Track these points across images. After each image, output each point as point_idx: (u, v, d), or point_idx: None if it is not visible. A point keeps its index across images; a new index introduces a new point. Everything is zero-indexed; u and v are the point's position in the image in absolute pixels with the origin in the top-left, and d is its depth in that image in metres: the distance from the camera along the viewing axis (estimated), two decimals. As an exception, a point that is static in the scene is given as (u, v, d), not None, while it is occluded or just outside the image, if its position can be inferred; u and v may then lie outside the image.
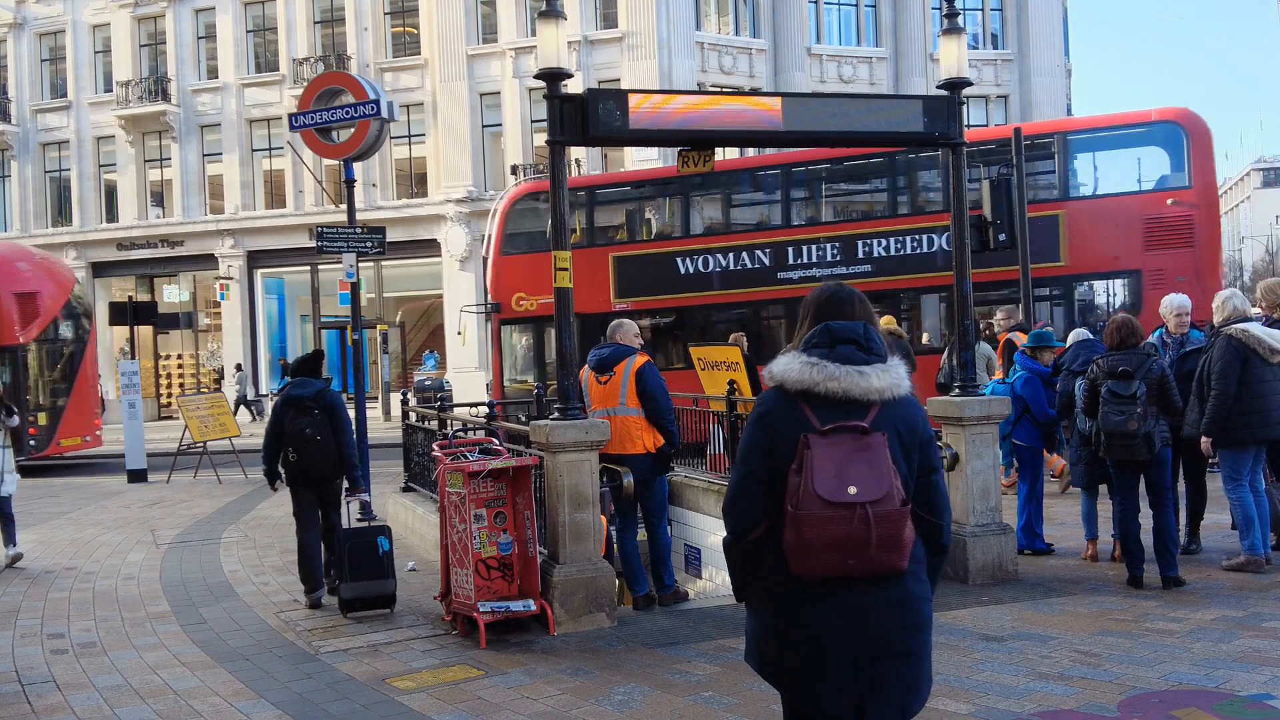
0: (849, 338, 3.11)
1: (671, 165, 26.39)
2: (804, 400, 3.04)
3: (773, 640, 3.08)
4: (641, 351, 8.10)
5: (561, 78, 7.29)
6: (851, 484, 2.89)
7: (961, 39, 8.17)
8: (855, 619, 2.96)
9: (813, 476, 2.90)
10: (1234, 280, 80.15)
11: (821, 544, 2.89)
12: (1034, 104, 33.79)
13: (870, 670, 2.98)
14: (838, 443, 2.95)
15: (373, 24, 32.87)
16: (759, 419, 3.13)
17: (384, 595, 7.67)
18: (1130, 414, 7.17)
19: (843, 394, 3.02)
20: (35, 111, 36.13)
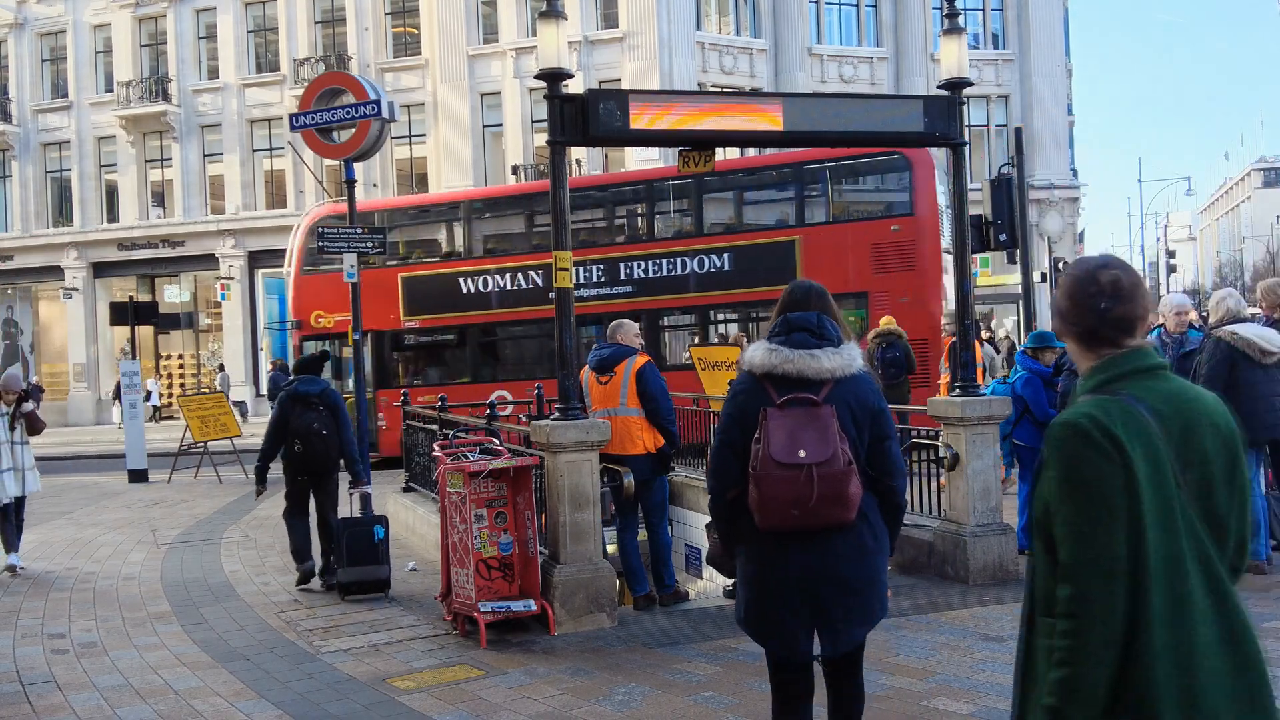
0: (803, 326, 3.69)
1: (458, 190, 27.40)
2: (768, 380, 3.64)
3: (748, 586, 3.67)
4: (642, 352, 8.11)
5: (562, 78, 7.29)
6: (801, 448, 3.49)
7: (962, 39, 8.18)
8: (810, 564, 3.56)
9: (769, 442, 3.50)
10: (1234, 280, 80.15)
11: (775, 500, 3.49)
12: (1034, 104, 33.81)
13: (823, 605, 3.58)
14: (791, 414, 3.54)
15: (373, 24, 32.88)
16: (732, 397, 3.74)
17: (379, 580, 8.17)
18: None
19: (797, 374, 3.60)
20: (36, 111, 36.15)
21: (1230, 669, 2.19)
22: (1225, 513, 2.31)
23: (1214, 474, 2.31)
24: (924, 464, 8.64)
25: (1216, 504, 2.30)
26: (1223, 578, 2.27)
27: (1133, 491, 2.18)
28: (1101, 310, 2.37)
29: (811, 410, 3.56)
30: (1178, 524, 2.22)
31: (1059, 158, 34.47)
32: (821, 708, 3.96)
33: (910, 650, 6.23)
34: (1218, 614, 2.22)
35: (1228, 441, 2.36)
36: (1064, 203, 33.99)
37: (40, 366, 37.93)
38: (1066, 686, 2.18)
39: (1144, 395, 2.31)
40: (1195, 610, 2.20)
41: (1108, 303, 2.36)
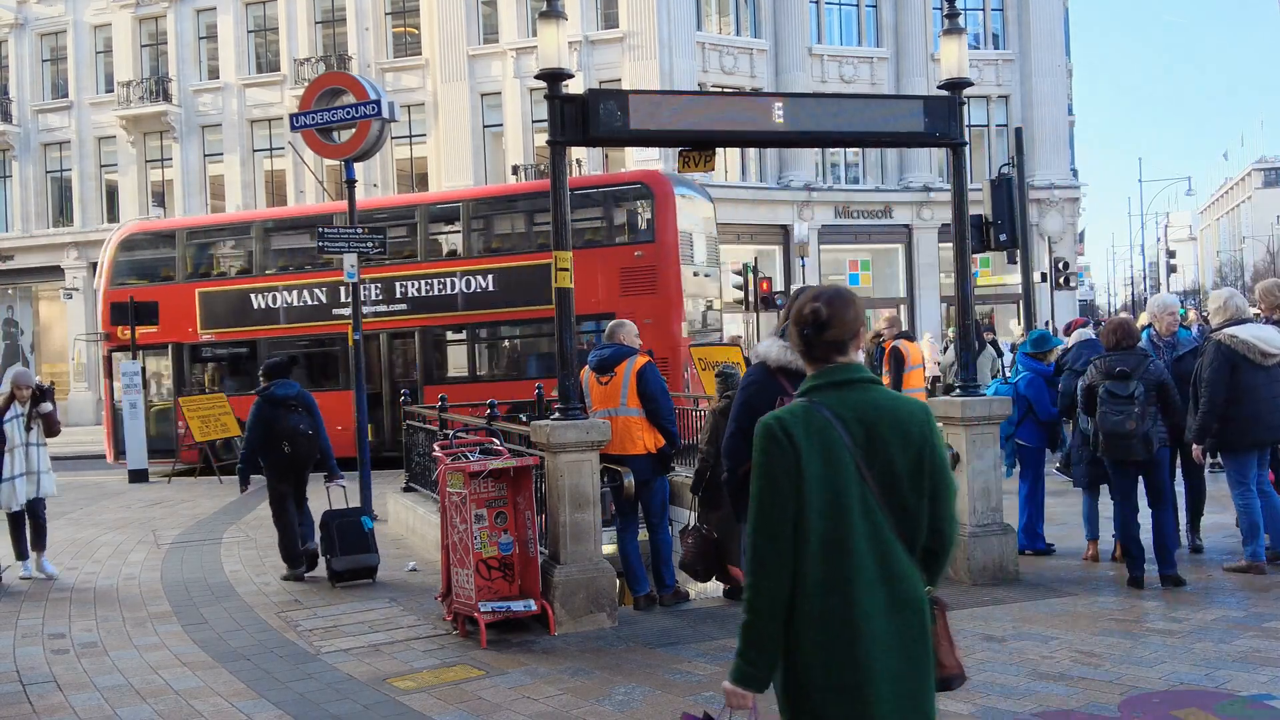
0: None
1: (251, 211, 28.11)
2: (781, 374, 4.52)
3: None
4: (643, 352, 8.11)
5: (562, 78, 7.29)
6: None
7: (962, 39, 8.17)
8: None
9: None
10: (1235, 280, 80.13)
11: None
12: (1034, 104, 33.80)
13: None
14: None
15: (374, 24, 32.87)
16: (746, 387, 4.54)
17: (369, 567, 8.76)
18: (1128, 414, 7.18)
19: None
20: (36, 111, 36.14)
21: (894, 629, 2.71)
22: (913, 505, 2.77)
23: (898, 472, 2.75)
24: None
25: (903, 497, 2.75)
26: (898, 556, 2.74)
27: (800, 480, 2.68)
28: (807, 336, 2.88)
29: None
30: (850, 508, 2.70)
31: (1059, 158, 34.47)
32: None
33: (910, 650, 6.22)
34: (885, 586, 2.70)
35: (915, 447, 2.78)
36: (1064, 203, 33.99)
37: (40, 366, 37.92)
38: (746, 632, 2.79)
39: (834, 404, 2.78)
40: (860, 582, 2.68)
41: (810, 330, 2.87)
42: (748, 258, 28.03)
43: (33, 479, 9.51)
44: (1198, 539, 8.49)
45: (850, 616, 2.69)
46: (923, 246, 33.37)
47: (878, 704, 2.69)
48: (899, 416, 2.81)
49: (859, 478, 2.73)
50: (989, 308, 32.87)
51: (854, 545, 2.70)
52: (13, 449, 9.43)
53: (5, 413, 9.45)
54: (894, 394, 2.96)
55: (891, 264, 34.23)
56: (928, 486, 2.81)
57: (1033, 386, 8.77)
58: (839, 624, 2.69)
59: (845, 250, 33.59)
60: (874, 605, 2.70)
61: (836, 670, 2.70)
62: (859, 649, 2.68)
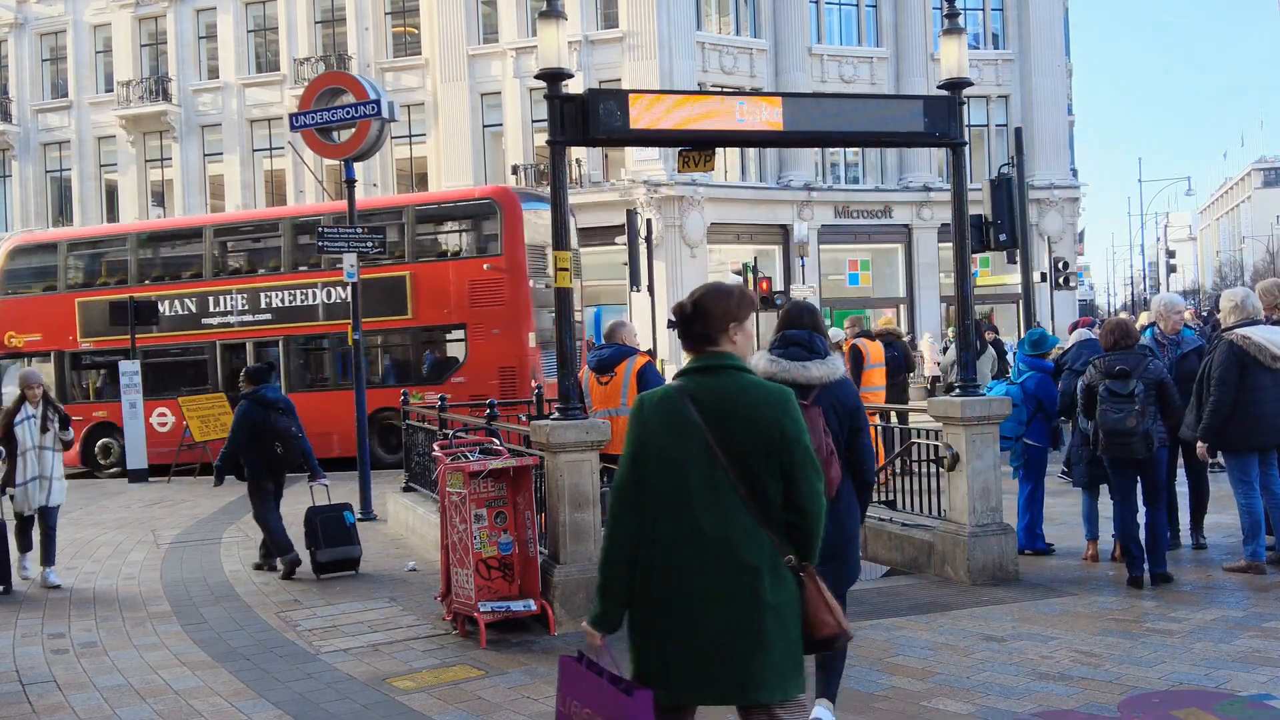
0: (797, 342, 4.65)
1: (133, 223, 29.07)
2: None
3: None
4: (643, 352, 8.12)
5: (562, 78, 7.28)
6: None
7: (962, 39, 8.17)
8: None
9: None
10: (1235, 280, 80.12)
11: None
12: (1034, 103, 33.81)
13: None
14: None
15: (373, 24, 32.88)
16: None
17: (352, 559, 9.11)
18: (1128, 412, 7.19)
19: (792, 381, 4.35)
20: (36, 111, 36.14)
21: (722, 588, 3.08)
22: (765, 481, 3.13)
23: (749, 450, 3.12)
24: (923, 464, 8.64)
25: (755, 472, 3.12)
26: (740, 524, 3.11)
27: (647, 450, 3.17)
28: (679, 328, 3.30)
29: (803, 411, 3.96)
30: (691, 476, 3.11)
31: (1059, 158, 34.48)
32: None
33: (910, 650, 6.23)
34: (722, 548, 3.08)
35: (766, 428, 3.14)
36: (1064, 203, 34.00)
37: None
38: (600, 574, 3.28)
39: (694, 387, 3.20)
40: (695, 541, 3.09)
41: (680, 323, 3.30)
42: (747, 258, 28.06)
43: (44, 484, 9.14)
44: (1200, 538, 8.49)
45: (682, 570, 3.09)
46: (922, 246, 33.38)
47: (705, 641, 3.09)
48: (752, 401, 3.18)
49: (708, 451, 3.12)
50: (989, 307, 32.87)
51: (693, 509, 3.10)
52: (24, 452, 9.08)
53: (16, 415, 9.16)
54: (754, 380, 3.27)
55: (891, 264, 34.24)
56: (780, 465, 3.13)
57: (1043, 386, 8.75)
58: (674, 576, 3.10)
59: (845, 250, 33.60)
60: (706, 564, 3.08)
61: (669, 619, 3.11)
62: (682, 591, 3.09)
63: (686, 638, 3.10)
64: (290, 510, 9.56)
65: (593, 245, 26.57)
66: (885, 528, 8.68)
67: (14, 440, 9.06)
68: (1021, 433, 8.62)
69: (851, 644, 6.29)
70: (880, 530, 8.71)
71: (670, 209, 29.51)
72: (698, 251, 30.10)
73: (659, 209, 29.14)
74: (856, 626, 6.70)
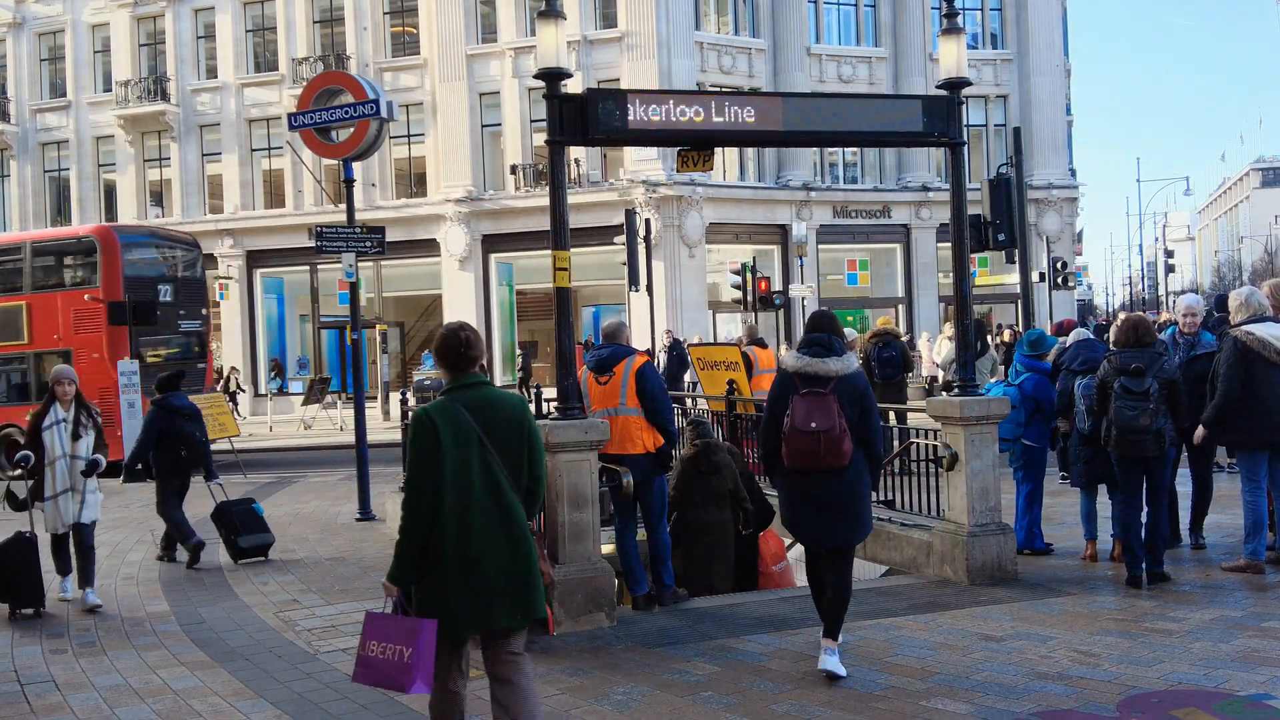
0: (818, 343, 5.92)
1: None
2: (796, 377, 5.87)
3: (784, 504, 6.09)
4: (641, 352, 8.11)
5: (561, 77, 7.29)
6: (812, 421, 5.69)
7: (961, 39, 8.17)
8: (817, 492, 5.83)
9: (794, 417, 5.75)
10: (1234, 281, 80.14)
11: (796, 451, 5.74)
12: (1033, 103, 33.80)
13: (826, 519, 5.88)
14: (808, 399, 5.75)
15: (372, 24, 32.85)
16: (774, 386, 6.04)
17: (267, 544, 10.01)
18: (1143, 410, 7.20)
19: (814, 373, 5.81)
20: (34, 111, 36.10)
21: (503, 539, 4.25)
22: (518, 462, 4.36)
23: (508, 441, 4.32)
24: (923, 464, 8.65)
25: (513, 457, 4.33)
26: (506, 493, 4.30)
27: (438, 450, 4.16)
28: (460, 355, 4.38)
29: (822, 397, 5.73)
30: (472, 465, 4.22)
31: (1057, 157, 34.47)
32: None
33: (909, 650, 6.23)
34: (498, 509, 4.26)
35: (516, 423, 4.37)
36: (1062, 202, 34.00)
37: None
38: (399, 549, 4.22)
39: (463, 399, 4.32)
40: (477, 508, 4.21)
41: (462, 351, 4.39)
42: (746, 257, 28.03)
43: (76, 498, 8.21)
44: (1200, 538, 8.50)
45: (470, 527, 4.21)
46: (921, 246, 33.37)
47: (491, 591, 4.23)
48: (504, 405, 4.41)
49: (481, 446, 4.27)
50: (987, 307, 32.87)
51: (474, 486, 4.23)
52: (53, 462, 8.11)
53: (43, 419, 8.18)
54: (500, 391, 4.50)
55: (890, 264, 34.23)
56: (525, 449, 4.38)
57: (1042, 387, 8.76)
58: (464, 532, 4.21)
59: (843, 250, 33.59)
60: (487, 522, 4.24)
61: (461, 559, 4.20)
62: (473, 547, 4.21)
63: (476, 583, 4.21)
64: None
65: (591, 245, 26.59)
66: (884, 527, 8.68)
67: (42, 447, 8.13)
68: (1019, 434, 8.63)
69: (851, 644, 6.32)
70: (879, 530, 8.71)
71: (669, 209, 29.51)
72: (696, 251, 30.10)
73: (658, 209, 29.13)
74: (856, 627, 6.73)
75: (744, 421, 11.57)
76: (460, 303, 31.45)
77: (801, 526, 6.00)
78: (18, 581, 7.88)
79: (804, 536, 6.09)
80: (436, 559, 4.20)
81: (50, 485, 8.13)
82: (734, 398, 11.70)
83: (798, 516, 5.96)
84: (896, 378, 13.98)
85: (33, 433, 8.22)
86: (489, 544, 4.23)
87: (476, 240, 31.30)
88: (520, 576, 4.28)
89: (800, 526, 6.01)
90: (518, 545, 4.30)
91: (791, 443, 5.70)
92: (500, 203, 31.12)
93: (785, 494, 6.01)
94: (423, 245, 31.41)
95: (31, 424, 8.25)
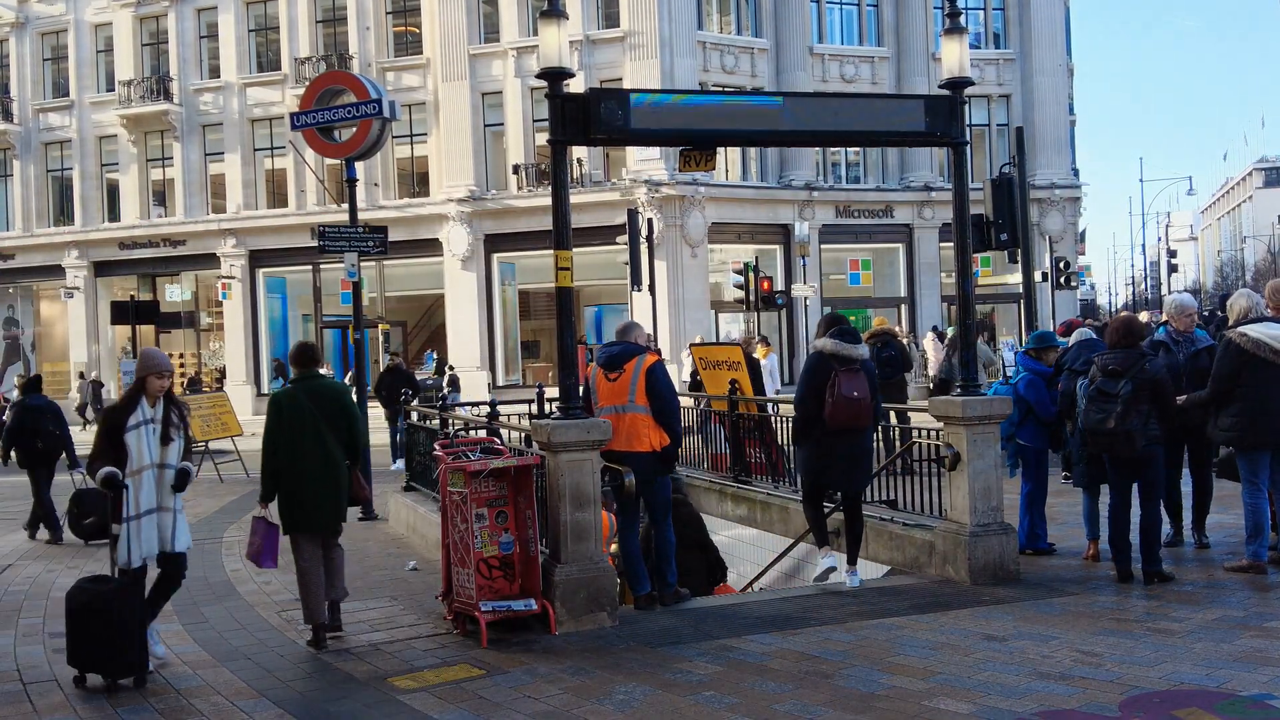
0: (849, 332, 7.88)
1: None
2: (832, 359, 7.68)
3: (814, 459, 8.01)
4: (652, 351, 8.15)
5: (563, 77, 7.29)
6: (854, 390, 7.59)
7: (963, 38, 8.17)
8: (846, 449, 7.81)
9: (840, 388, 7.56)
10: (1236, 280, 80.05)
11: (842, 414, 7.60)
12: (1036, 103, 33.78)
13: (851, 468, 7.94)
14: (849, 375, 7.62)
15: (374, 23, 32.85)
16: (809, 368, 7.89)
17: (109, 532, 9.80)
18: (1109, 413, 7.24)
19: (846, 355, 7.67)
20: (37, 111, 36.13)
21: (324, 475, 6.85)
22: (343, 428, 6.96)
23: (331, 413, 6.90)
24: (924, 463, 8.65)
25: (336, 424, 6.91)
26: (331, 448, 6.86)
27: (280, 420, 6.81)
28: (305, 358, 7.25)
29: (858, 373, 7.67)
30: (305, 430, 6.78)
31: (1060, 157, 34.43)
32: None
33: (910, 650, 6.23)
34: (321, 456, 6.82)
35: (338, 404, 7.02)
36: (1065, 202, 33.96)
37: (41, 366, 37.93)
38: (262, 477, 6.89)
39: (303, 387, 6.99)
40: (308, 455, 6.78)
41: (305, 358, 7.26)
42: (748, 257, 28.04)
43: (166, 520, 6.36)
44: (1203, 537, 8.50)
45: (302, 471, 6.78)
46: (923, 246, 33.35)
47: (317, 506, 6.85)
48: (329, 390, 7.12)
49: (314, 417, 6.81)
50: (990, 307, 32.85)
51: (305, 444, 6.78)
52: (138, 472, 6.24)
53: (128, 416, 6.31)
54: (329, 381, 7.43)
55: (892, 263, 34.21)
56: (344, 419, 6.96)
57: (1032, 388, 8.76)
58: (297, 475, 6.79)
59: (846, 249, 33.57)
60: (313, 464, 6.78)
61: (296, 487, 6.79)
62: (305, 483, 6.79)
63: (309, 503, 6.84)
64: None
65: (593, 245, 26.58)
66: (886, 527, 8.68)
67: (125, 452, 6.25)
68: (1013, 433, 8.63)
69: (853, 643, 6.32)
70: (881, 529, 8.72)
71: (671, 208, 29.50)
72: (699, 251, 30.09)
73: (660, 208, 29.12)
74: (857, 626, 6.74)
75: (746, 421, 11.58)
76: (462, 302, 31.46)
77: (832, 475, 7.97)
78: (118, 641, 5.98)
79: (833, 483, 8.08)
80: (284, 486, 6.82)
81: (131, 503, 6.24)
82: (736, 397, 11.71)
83: (829, 467, 7.90)
84: (896, 377, 14.12)
85: (112, 431, 6.33)
86: (314, 478, 6.83)
87: (479, 240, 31.30)
88: (334, 498, 6.95)
89: (830, 475, 7.99)
90: (334, 479, 6.92)
91: (838, 408, 7.52)
92: (502, 202, 31.12)
93: (820, 450, 7.86)
94: (425, 245, 31.42)
95: (111, 423, 6.38)
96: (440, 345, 32.59)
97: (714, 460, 12.38)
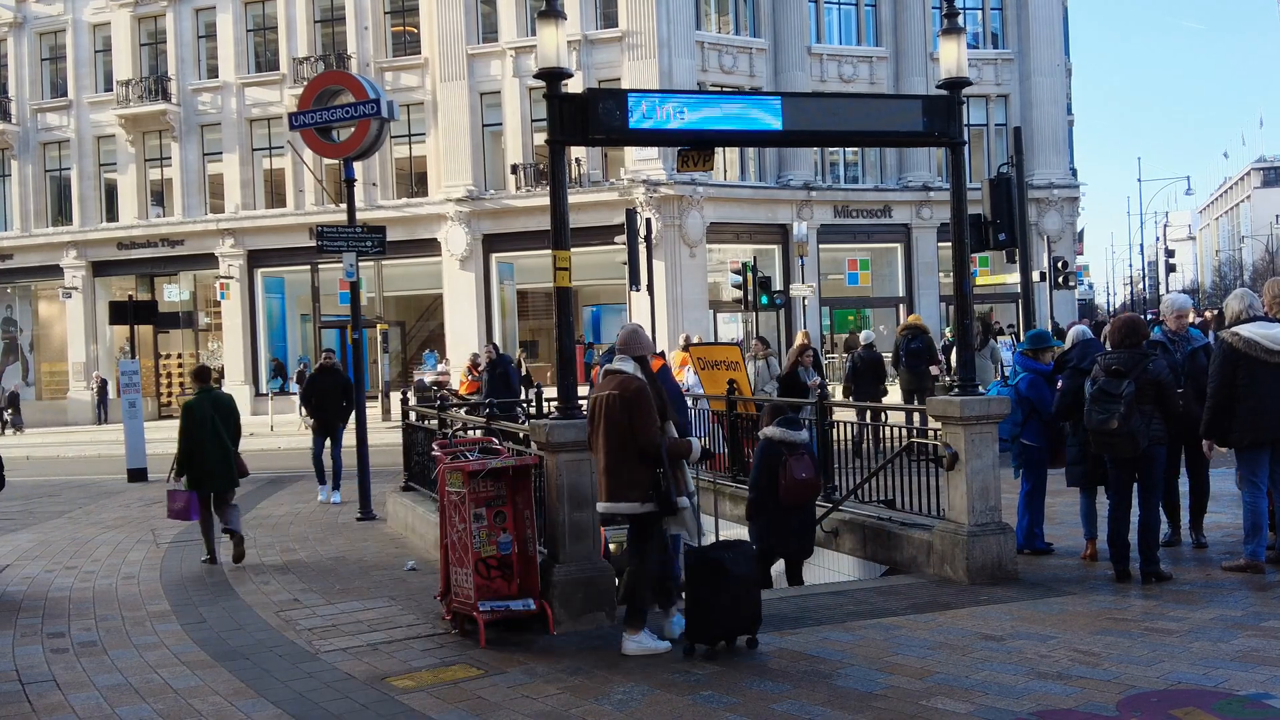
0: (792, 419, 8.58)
1: None
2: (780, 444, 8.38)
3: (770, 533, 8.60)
4: (656, 355, 8.14)
5: (561, 77, 7.29)
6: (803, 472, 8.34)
7: (961, 38, 8.17)
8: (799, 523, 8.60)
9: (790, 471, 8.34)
10: (1235, 280, 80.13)
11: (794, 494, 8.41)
12: (1034, 103, 33.81)
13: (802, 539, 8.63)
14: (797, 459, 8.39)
15: (373, 23, 32.86)
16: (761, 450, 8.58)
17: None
18: (1113, 413, 7.24)
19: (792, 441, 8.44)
20: (35, 111, 36.13)
21: (219, 456, 9.83)
22: (229, 424, 10.00)
23: (224, 417, 9.96)
24: (923, 463, 8.65)
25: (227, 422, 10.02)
26: (223, 437, 9.88)
27: (192, 420, 9.83)
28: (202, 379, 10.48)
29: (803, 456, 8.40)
30: (208, 428, 9.77)
31: (1058, 157, 34.47)
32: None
33: (909, 650, 6.23)
34: (218, 445, 9.82)
35: (228, 409, 10.05)
36: (1063, 202, 33.99)
37: (40, 366, 37.91)
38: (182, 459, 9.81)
39: (206, 397, 10.00)
40: (209, 444, 9.76)
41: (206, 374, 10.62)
42: (747, 257, 28.04)
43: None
44: (1201, 537, 8.51)
45: (204, 452, 9.74)
46: (922, 246, 33.38)
47: (212, 475, 9.79)
48: (223, 399, 10.15)
49: (214, 418, 9.80)
50: (988, 307, 32.87)
51: (208, 434, 9.74)
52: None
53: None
54: (221, 392, 10.39)
55: (890, 263, 34.24)
56: (232, 420, 10.01)
57: (1035, 388, 8.76)
58: (202, 453, 9.74)
59: (844, 249, 33.60)
60: (212, 450, 9.76)
61: (201, 465, 9.74)
62: (207, 458, 9.75)
63: (206, 473, 9.71)
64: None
65: (592, 245, 26.58)
66: (884, 527, 8.68)
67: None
68: (1017, 434, 8.63)
69: (851, 643, 6.33)
70: (879, 529, 8.72)
71: (670, 208, 29.52)
72: (697, 251, 30.10)
73: (658, 208, 29.14)
74: (855, 626, 6.74)
75: (744, 421, 11.58)
76: (461, 302, 31.47)
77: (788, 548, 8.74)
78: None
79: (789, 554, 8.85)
80: (193, 465, 9.66)
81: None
82: (735, 397, 11.71)
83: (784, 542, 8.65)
84: (920, 367, 16.31)
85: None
86: (212, 457, 9.69)
87: (477, 240, 31.31)
88: (225, 469, 9.80)
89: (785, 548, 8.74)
90: (225, 459, 9.80)
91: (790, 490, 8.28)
92: (501, 202, 31.13)
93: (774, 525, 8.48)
94: (423, 245, 31.43)
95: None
96: (439, 345, 32.60)
97: (714, 460, 12.38)
